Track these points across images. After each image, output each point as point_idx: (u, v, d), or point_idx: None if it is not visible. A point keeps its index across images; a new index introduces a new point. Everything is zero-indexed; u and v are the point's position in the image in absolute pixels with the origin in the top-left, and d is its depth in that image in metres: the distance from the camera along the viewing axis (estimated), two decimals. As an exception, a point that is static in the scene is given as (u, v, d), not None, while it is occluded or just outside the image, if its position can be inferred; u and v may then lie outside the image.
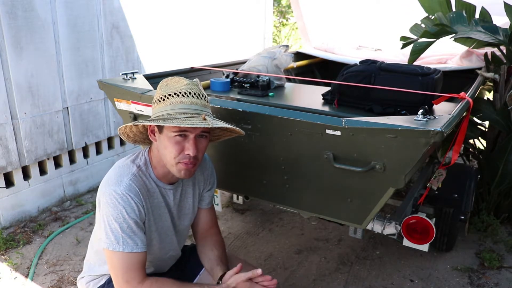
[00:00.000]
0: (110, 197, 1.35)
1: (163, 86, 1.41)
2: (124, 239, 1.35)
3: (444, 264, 2.52)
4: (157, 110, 1.39)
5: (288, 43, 8.49)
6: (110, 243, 1.34)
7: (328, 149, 1.58)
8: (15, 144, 2.79)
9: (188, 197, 1.60)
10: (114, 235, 1.34)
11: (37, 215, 3.03)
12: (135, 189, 1.37)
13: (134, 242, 1.36)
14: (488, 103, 2.73)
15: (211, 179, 1.68)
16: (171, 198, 1.52)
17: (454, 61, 3.06)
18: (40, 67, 2.83)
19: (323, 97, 2.16)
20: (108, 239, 1.35)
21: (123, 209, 1.34)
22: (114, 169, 1.44)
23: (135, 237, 1.37)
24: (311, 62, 3.66)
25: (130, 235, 1.36)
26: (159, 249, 1.56)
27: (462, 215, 2.48)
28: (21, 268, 2.46)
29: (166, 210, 1.52)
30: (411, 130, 1.36)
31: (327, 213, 1.82)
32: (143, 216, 1.41)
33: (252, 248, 2.68)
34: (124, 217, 1.34)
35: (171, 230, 1.57)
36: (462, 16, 2.66)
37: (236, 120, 1.73)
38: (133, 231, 1.36)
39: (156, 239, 1.52)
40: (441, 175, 2.15)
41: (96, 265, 1.59)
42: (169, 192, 1.51)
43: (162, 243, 1.56)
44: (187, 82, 1.39)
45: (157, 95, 1.40)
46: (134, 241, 1.36)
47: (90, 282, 1.62)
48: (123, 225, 1.34)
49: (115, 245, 1.34)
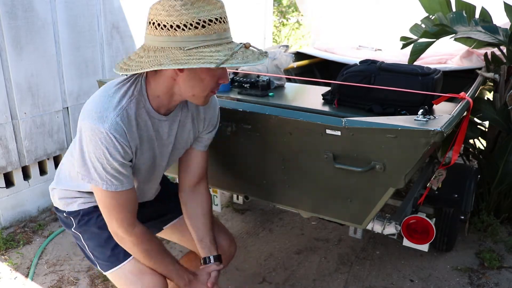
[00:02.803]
0: (92, 133, 1.21)
1: (189, 6, 1.13)
2: (108, 179, 1.26)
3: (444, 264, 2.52)
4: (194, 39, 1.14)
5: (288, 43, 8.49)
6: (93, 180, 1.27)
7: (328, 149, 1.58)
8: (15, 144, 2.79)
9: (184, 132, 1.48)
10: (98, 174, 1.25)
11: (37, 215, 3.03)
12: (121, 128, 1.23)
13: (119, 182, 1.28)
14: (488, 103, 2.73)
15: (212, 121, 1.54)
16: (165, 130, 1.40)
17: (454, 61, 3.06)
18: (40, 67, 2.83)
19: (323, 97, 2.16)
20: (90, 176, 1.27)
21: (106, 151, 1.22)
22: (101, 96, 1.28)
23: (120, 176, 1.28)
24: (311, 62, 3.66)
25: (114, 175, 1.26)
26: (142, 182, 1.49)
27: (462, 215, 2.48)
28: (21, 268, 2.46)
29: (157, 145, 1.41)
30: (411, 130, 1.36)
31: (327, 213, 1.82)
32: (130, 155, 1.30)
33: (252, 248, 2.68)
34: (107, 159, 1.23)
35: (160, 164, 1.48)
36: (462, 16, 2.66)
37: (236, 120, 1.73)
38: (118, 171, 1.26)
39: (142, 173, 1.44)
40: (441, 175, 2.15)
41: (68, 181, 1.53)
42: (164, 124, 1.38)
43: (147, 175, 1.48)
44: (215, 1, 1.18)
45: (183, 18, 1.13)
46: (119, 181, 1.28)
47: (64, 200, 1.56)
48: (106, 166, 1.24)
49: (99, 183, 1.26)
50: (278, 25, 8.67)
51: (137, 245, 1.38)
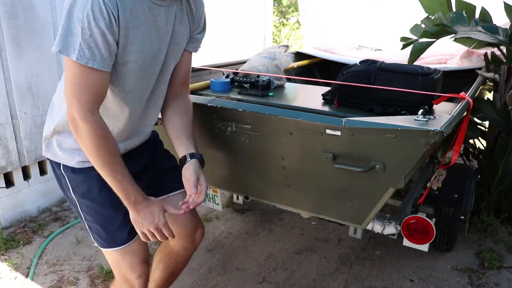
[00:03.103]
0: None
1: None
2: (82, 48, 1.15)
3: (444, 264, 2.52)
4: None
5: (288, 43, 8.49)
6: (66, 49, 1.15)
7: (328, 149, 1.58)
8: (15, 144, 2.79)
9: (182, 26, 1.41)
10: (74, 40, 1.14)
11: (37, 215, 3.03)
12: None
13: (92, 55, 1.16)
14: (488, 103, 2.73)
15: (202, 18, 1.50)
16: (162, 17, 1.31)
17: (454, 61, 3.06)
18: (40, 67, 2.83)
19: (323, 97, 2.16)
20: (66, 42, 1.15)
21: (91, 13, 1.12)
22: None
23: (96, 50, 1.16)
24: (311, 62, 3.66)
25: (90, 46, 1.15)
26: (132, 89, 1.36)
27: (462, 215, 2.48)
28: (21, 268, 2.46)
29: (153, 33, 1.30)
30: (411, 130, 1.36)
31: (327, 213, 1.82)
32: (116, 32, 1.19)
33: (252, 248, 2.68)
34: (89, 22, 1.13)
35: (155, 64, 1.38)
36: (462, 16, 2.66)
37: (236, 120, 1.73)
38: (95, 42, 1.16)
39: (132, 72, 1.31)
40: (441, 175, 2.15)
41: (63, 115, 1.39)
42: (161, 10, 1.30)
43: (140, 82, 1.36)
44: None
45: None
46: (92, 54, 1.16)
47: (59, 146, 1.44)
48: (85, 31, 1.14)
49: (72, 52, 1.15)
50: (278, 25, 8.67)
51: (90, 137, 1.24)
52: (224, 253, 2.62)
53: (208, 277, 2.39)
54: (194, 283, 2.34)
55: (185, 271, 2.43)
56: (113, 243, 1.49)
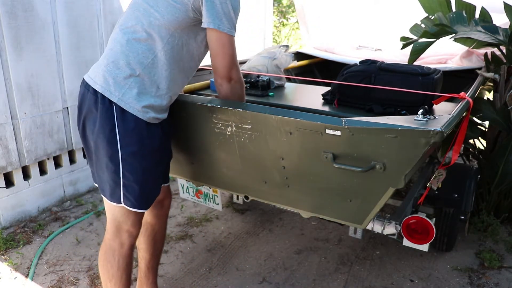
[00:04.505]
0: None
1: None
2: (233, 24, 1.51)
3: (444, 264, 2.52)
4: None
5: (288, 43, 8.49)
6: (223, 25, 1.48)
7: (328, 149, 1.58)
8: (15, 144, 2.79)
9: None
10: (227, 18, 1.47)
11: (37, 215, 3.03)
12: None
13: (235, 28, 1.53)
14: (488, 103, 2.73)
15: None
16: None
17: (454, 61, 3.07)
18: (40, 67, 2.83)
19: (323, 97, 2.16)
20: (221, 21, 1.47)
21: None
22: None
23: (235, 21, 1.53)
24: (311, 62, 3.67)
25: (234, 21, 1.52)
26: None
27: (462, 215, 2.47)
28: (21, 268, 2.46)
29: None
30: (411, 130, 1.36)
31: (327, 213, 1.82)
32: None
33: (252, 248, 2.68)
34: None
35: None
36: (462, 16, 2.66)
37: (236, 120, 1.73)
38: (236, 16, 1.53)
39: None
40: (441, 175, 2.15)
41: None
42: None
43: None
44: None
45: None
46: (234, 27, 1.52)
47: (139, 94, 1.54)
48: (236, 7, 1.50)
49: (228, 28, 1.48)
50: (278, 25, 8.67)
51: (242, 87, 1.65)
52: (224, 253, 2.62)
53: (208, 277, 2.39)
54: (194, 283, 2.34)
55: (185, 271, 2.44)
56: (146, 204, 1.63)
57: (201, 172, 2.05)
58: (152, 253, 2.01)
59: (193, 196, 2.38)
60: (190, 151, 1.99)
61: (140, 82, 1.52)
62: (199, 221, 2.97)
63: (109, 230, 1.69)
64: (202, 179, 2.09)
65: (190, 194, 2.39)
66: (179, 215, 3.07)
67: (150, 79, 1.53)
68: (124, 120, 1.51)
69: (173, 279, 2.37)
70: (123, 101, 1.51)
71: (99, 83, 1.53)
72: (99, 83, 1.52)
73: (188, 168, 2.08)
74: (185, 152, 2.01)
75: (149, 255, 2.00)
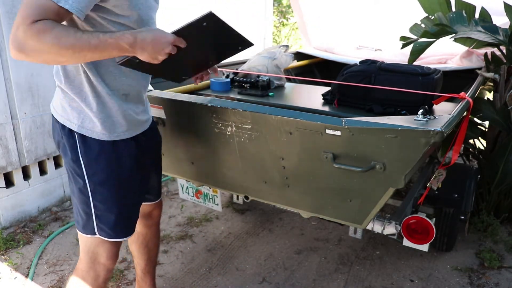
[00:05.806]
0: None
1: None
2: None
3: (444, 264, 2.52)
4: None
5: (288, 43, 8.49)
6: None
7: (328, 149, 1.58)
8: (15, 144, 2.79)
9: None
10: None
11: (37, 215, 3.03)
12: None
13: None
14: (488, 103, 2.73)
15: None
16: None
17: (454, 61, 3.06)
18: (40, 67, 2.83)
19: (323, 97, 2.16)
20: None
21: None
22: None
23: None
24: (311, 62, 3.67)
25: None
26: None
27: (462, 215, 2.47)
28: (21, 268, 2.46)
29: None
30: (411, 130, 1.36)
31: (327, 213, 1.82)
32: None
33: (252, 248, 2.68)
34: None
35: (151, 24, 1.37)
36: (462, 16, 2.66)
37: (236, 120, 1.73)
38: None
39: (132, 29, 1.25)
40: (441, 175, 2.15)
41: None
42: None
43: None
44: None
45: None
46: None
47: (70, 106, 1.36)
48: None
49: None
50: (278, 25, 8.67)
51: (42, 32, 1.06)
52: (224, 253, 2.62)
53: (208, 277, 2.39)
54: (194, 283, 2.34)
55: (185, 271, 2.44)
56: (125, 232, 1.52)
57: (201, 172, 2.05)
58: (147, 260, 1.95)
59: (193, 196, 2.38)
60: (190, 151, 1.99)
61: (79, 98, 1.34)
62: (199, 221, 2.97)
63: (82, 260, 1.53)
64: (202, 179, 2.09)
65: (189, 195, 2.39)
66: (179, 215, 3.07)
67: (77, 89, 1.34)
68: (87, 147, 1.36)
69: (173, 279, 2.37)
70: (84, 128, 1.36)
71: (58, 112, 1.39)
72: (59, 112, 1.39)
73: (188, 168, 2.08)
74: (185, 152, 2.01)
75: (144, 262, 1.95)
